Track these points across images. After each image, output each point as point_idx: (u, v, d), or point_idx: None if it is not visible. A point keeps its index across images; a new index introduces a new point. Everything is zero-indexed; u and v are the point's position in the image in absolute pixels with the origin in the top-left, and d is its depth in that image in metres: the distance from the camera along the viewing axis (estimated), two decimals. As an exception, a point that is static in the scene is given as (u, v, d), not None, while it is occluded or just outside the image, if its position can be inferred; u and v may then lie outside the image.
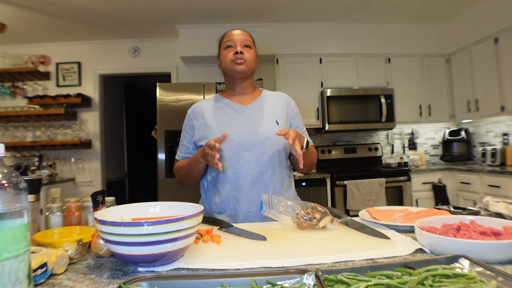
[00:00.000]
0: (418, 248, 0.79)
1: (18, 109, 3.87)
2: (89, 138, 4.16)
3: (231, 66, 1.28)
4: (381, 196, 3.35)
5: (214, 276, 0.59)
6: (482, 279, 0.55)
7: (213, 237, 0.90)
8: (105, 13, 3.43)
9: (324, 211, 0.99)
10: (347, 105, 3.74)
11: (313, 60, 3.87)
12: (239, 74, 1.30)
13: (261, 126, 1.28)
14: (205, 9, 3.46)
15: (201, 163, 1.20)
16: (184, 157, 1.36)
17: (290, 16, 3.73)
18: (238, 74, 1.29)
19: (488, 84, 3.43)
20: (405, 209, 1.12)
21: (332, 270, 0.60)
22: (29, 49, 4.09)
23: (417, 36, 4.02)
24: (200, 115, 1.34)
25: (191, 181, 1.33)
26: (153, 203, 0.91)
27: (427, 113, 3.97)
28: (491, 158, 3.46)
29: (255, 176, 1.24)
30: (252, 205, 1.23)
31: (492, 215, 1.09)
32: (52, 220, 1.01)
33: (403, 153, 4.22)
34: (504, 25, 3.18)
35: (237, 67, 1.28)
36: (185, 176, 1.31)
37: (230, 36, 1.31)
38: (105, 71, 4.23)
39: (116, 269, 0.73)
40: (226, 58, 1.29)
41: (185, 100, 3.21)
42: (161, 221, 0.67)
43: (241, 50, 1.27)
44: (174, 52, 4.10)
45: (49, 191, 3.32)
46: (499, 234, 0.74)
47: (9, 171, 0.54)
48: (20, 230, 0.53)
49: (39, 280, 0.65)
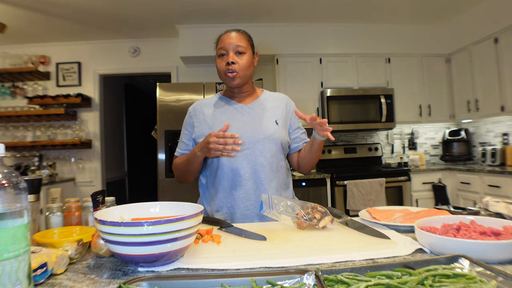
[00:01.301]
0: (418, 248, 0.79)
1: (18, 109, 3.87)
2: (89, 138, 4.16)
3: (224, 77, 1.29)
4: (381, 196, 3.35)
5: (214, 276, 0.59)
6: (482, 279, 0.55)
7: (213, 237, 0.90)
8: (105, 13, 3.43)
9: (324, 211, 0.99)
10: (347, 105, 3.74)
11: (313, 60, 3.87)
12: (233, 86, 1.31)
13: (260, 125, 1.29)
14: (205, 9, 3.46)
15: (199, 157, 1.21)
16: (182, 154, 1.37)
17: (290, 16, 3.73)
18: (232, 86, 1.31)
19: (488, 84, 3.43)
20: (405, 209, 1.12)
21: (332, 270, 0.60)
22: (29, 49, 4.09)
23: (417, 36, 4.02)
24: (200, 113, 1.35)
25: (189, 177, 1.33)
26: (153, 203, 0.91)
27: (427, 113, 3.97)
28: (491, 158, 3.46)
29: (253, 175, 1.25)
30: (249, 203, 1.24)
31: (492, 215, 1.09)
32: (52, 220, 1.01)
33: (403, 153, 4.22)
34: (504, 25, 3.18)
35: (230, 82, 1.28)
36: (183, 171, 1.32)
37: (223, 42, 1.28)
38: (105, 71, 4.23)
39: (116, 269, 0.73)
40: (220, 67, 1.29)
41: (185, 100, 3.21)
42: (161, 221, 0.67)
43: (232, 60, 1.25)
44: (174, 52, 4.10)
45: (49, 191, 3.32)
46: (499, 234, 0.74)
47: (9, 171, 0.54)
48: (20, 230, 0.53)
49: (39, 280, 0.65)
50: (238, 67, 1.26)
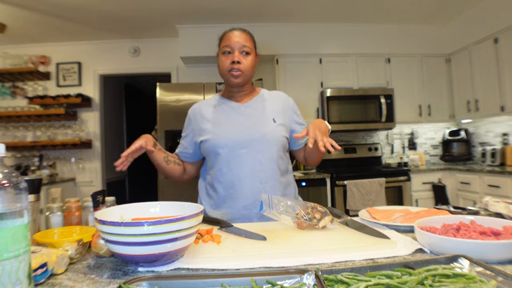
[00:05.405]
0: (418, 248, 0.79)
1: (19, 109, 3.87)
2: (89, 138, 4.16)
3: (228, 76, 1.28)
4: (381, 196, 3.35)
5: (214, 276, 0.59)
6: (482, 279, 0.55)
7: (213, 237, 0.90)
8: (105, 13, 3.43)
9: (324, 211, 0.99)
10: (347, 105, 3.74)
11: (313, 60, 3.87)
12: (235, 85, 1.30)
13: (258, 124, 1.29)
14: (205, 9, 3.46)
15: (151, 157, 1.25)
16: (177, 154, 1.40)
17: (290, 16, 3.73)
18: (234, 84, 1.30)
19: (488, 84, 3.43)
20: (405, 209, 1.12)
21: (332, 270, 0.60)
22: (29, 49, 4.09)
23: (417, 36, 4.02)
24: (199, 115, 1.36)
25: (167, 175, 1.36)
26: (153, 203, 0.91)
27: (427, 113, 3.97)
28: (490, 158, 3.46)
29: (251, 174, 1.24)
30: (248, 203, 1.23)
31: (492, 215, 1.09)
32: (52, 220, 1.01)
33: (403, 153, 4.22)
34: (504, 25, 3.18)
35: (233, 80, 1.28)
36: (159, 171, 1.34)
37: (229, 40, 1.26)
38: (105, 71, 4.23)
39: (116, 269, 0.73)
40: (223, 65, 1.27)
41: (185, 100, 3.21)
42: (161, 221, 0.67)
43: (238, 59, 1.24)
44: (174, 52, 4.09)
45: (49, 191, 3.32)
46: (499, 234, 0.74)
47: (9, 171, 0.54)
48: (20, 230, 0.53)
49: (39, 280, 0.65)
50: (243, 67, 1.26)
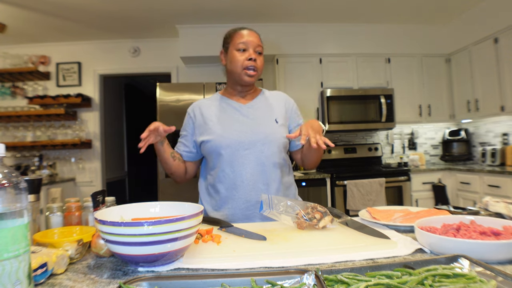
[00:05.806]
0: (418, 248, 0.79)
1: (18, 109, 3.87)
2: (89, 138, 4.16)
3: (242, 74, 1.26)
4: (381, 196, 3.35)
5: (214, 276, 0.59)
6: (482, 279, 0.55)
7: (213, 237, 0.90)
8: (105, 13, 3.42)
9: (324, 211, 0.99)
10: (347, 105, 3.74)
11: (313, 60, 3.86)
12: (247, 83, 1.29)
13: (260, 124, 1.28)
14: (205, 9, 3.46)
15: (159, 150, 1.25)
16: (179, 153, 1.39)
17: (290, 16, 3.73)
18: (247, 83, 1.29)
19: (488, 84, 3.43)
20: (405, 209, 1.12)
21: (332, 270, 0.60)
22: (29, 49, 4.08)
23: (417, 36, 4.03)
24: (199, 113, 1.34)
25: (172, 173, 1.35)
26: (153, 203, 0.91)
27: (427, 113, 3.97)
28: (491, 158, 3.46)
29: (254, 175, 1.24)
30: (250, 204, 1.23)
31: (492, 215, 1.09)
32: (52, 220, 1.01)
33: (403, 153, 4.22)
34: (504, 25, 3.18)
35: (247, 79, 1.27)
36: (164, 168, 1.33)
37: (243, 37, 1.26)
38: (105, 71, 4.23)
39: (116, 269, 0.73)
40: (238, 61, 1.25)
41: (185, 100, 3.21)
42: (161, 221, 0.67)
43: (255, 57, 1.24)
44: (174, 52, 4.10)
45: (49, 191, 3.32)
46: (499, 234, 0.74)
47: (9, 171, 0.54)
48: (20, 230, 0.53)
49: (39, 280, 0.65)
50: (258, 65, 1.27)
